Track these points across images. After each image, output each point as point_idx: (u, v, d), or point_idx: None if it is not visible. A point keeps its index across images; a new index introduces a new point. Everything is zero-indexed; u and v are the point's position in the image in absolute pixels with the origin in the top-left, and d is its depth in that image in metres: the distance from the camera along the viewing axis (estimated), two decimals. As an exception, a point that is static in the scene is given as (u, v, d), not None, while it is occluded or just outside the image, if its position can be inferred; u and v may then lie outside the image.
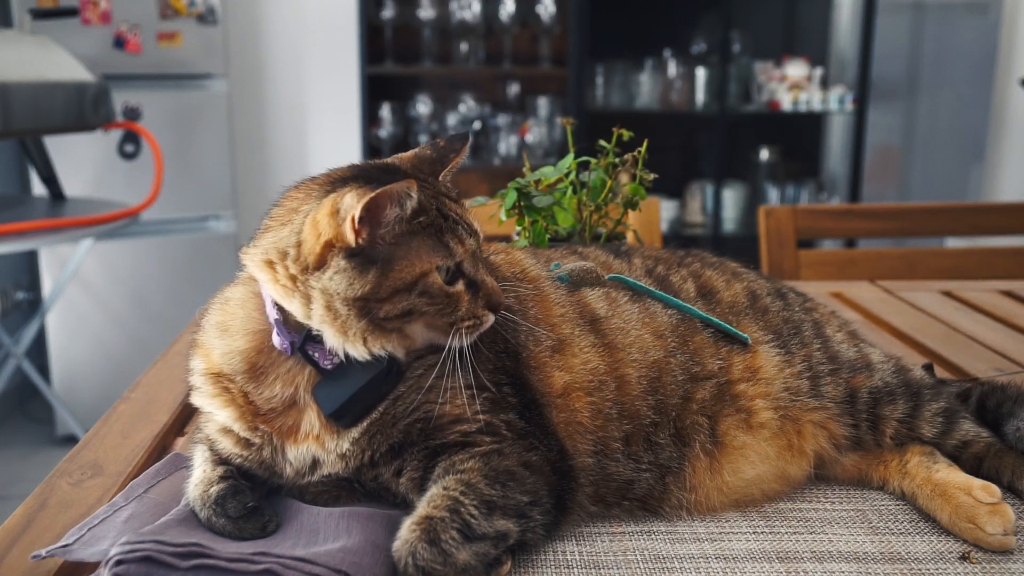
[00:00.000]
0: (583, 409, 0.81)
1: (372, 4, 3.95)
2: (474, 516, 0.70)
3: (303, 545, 0.72)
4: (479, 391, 0.78)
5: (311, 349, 0.76)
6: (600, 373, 0.83)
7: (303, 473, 0.79)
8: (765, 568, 0.75)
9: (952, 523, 0.80)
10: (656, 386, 0.84)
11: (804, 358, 0.91)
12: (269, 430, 0.78)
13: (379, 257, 0.73)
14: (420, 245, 0.74)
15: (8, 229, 2.52)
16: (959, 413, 0.91)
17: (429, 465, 0.77)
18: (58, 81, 2.65)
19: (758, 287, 0.99)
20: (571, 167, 1.21)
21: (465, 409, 0.77)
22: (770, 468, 0.86)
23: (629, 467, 0.82)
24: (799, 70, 4.09)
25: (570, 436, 0.80)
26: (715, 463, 0.84)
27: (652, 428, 0.83)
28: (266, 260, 0.76)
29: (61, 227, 2.67)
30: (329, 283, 0.73)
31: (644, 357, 0.85)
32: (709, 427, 0.85)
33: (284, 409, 0.78)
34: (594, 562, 0.75)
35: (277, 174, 4.13)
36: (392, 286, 0.73)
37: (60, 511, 0.84)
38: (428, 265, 0.74)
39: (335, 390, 0.76)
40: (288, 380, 0.78)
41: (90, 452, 0.97)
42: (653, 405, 0.83)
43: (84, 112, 2.74)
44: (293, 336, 0.76)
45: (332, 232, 0.72)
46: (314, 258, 0.73)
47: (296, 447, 0.78)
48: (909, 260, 2.03)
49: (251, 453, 0.79)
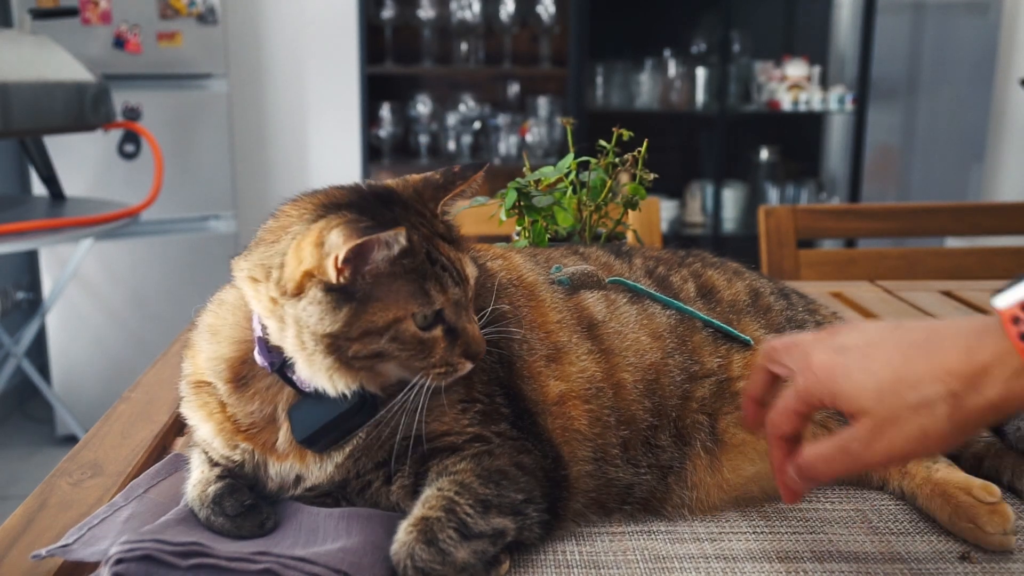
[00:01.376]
0: (580, 417, 0.81)
1: (372, 4, 3.95)
2: (470, 515, 0.70)
3: (303, 544, 0.72)
4: (471, 403, 0.77)
5: (290, 371, 0.74)
6: (597, 380, 0.82)
7: (286, 488, 0.79)
8: (765, 568, 0.75)
9: (952, 523, 0.80)
10: (654, 388, 0.84)
11: None
12: (251, 446, 0.78)
13: (356, 294, 0.70)
14: (399, 289, 0.71)
15: (8, 229, 2.52)
16: None
17: (420, 471, 0.76)
18: (58, 81, 2.65)
19: (761, 286, 0.99)
20: (571, 167, 1.21)
21: (454, 424, 0.76)
22: (769, 465, 0.85)
23: (629, 472, 0.81)
24: (799, 70, 4.09)
25: (568, 443, 0.80)
26: (715, 461, 0.84)
27: (651, 432, 0.83)
28: (251, 276, 0.74)
29: (61, 227, 2.67)
30: (302, 313, 0.71)
31: (641, 360, 0.85)
32: (709, 425, 0.85)
33: (265, 424, 0.77)
34: (594, 562, 0.75)
35: (277, 174, 4.13)
36: (363, 327, 0.70)
37: (60, 511, 0.84)
38: (403, 312, 0.71)
39: (311, 414, 0.75)
40: (268, 397, 0.77)
41: (90, 452, 0.97)
42: (651, 408, 0.83)
43: (84, 112, 2.74)
44: (273, 356, 0.75)
45: (314, 263, 0.70)
46: (293, 284, 0.71)
47: (278, 463, 0.78)
48: (909, 260, 2.03)
49: (235, 465, 0.79)
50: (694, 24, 4.23)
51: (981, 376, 0.63)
